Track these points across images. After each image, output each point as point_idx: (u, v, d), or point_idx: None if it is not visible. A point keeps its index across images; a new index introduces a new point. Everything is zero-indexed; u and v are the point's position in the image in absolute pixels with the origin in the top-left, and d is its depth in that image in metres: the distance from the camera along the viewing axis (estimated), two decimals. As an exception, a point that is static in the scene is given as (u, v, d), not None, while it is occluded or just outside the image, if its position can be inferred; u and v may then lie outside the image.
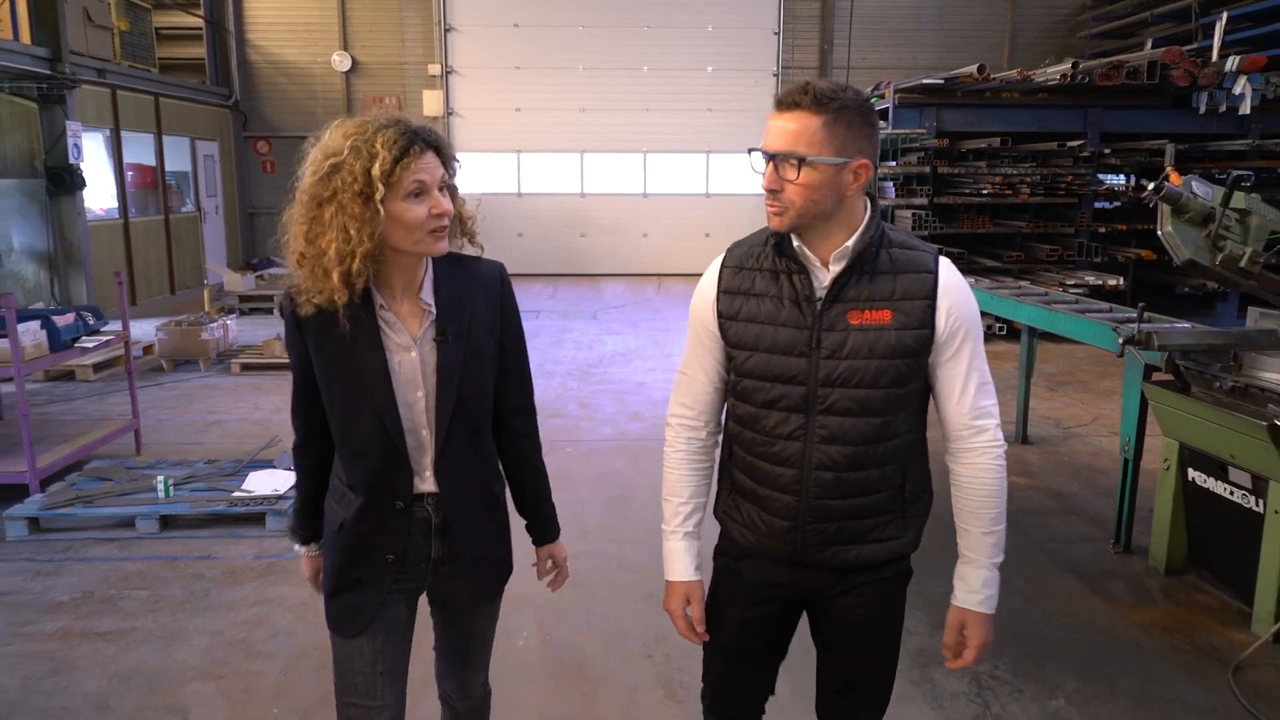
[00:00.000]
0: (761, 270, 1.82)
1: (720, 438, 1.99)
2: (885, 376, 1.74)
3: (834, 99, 1.67)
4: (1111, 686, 3.25)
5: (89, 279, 10.78)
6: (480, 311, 1.89)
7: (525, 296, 13.28)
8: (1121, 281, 9.73)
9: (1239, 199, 3.60)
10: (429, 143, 1.74)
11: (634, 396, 7.48)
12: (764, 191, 1.74)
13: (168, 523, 4.59)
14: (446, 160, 1.79)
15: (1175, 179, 3.59)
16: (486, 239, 1.96)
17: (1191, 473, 3.96)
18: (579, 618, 3.73)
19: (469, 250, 1.94)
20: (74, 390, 7.60)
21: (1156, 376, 4.10)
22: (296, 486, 2.04)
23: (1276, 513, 3.46)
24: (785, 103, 1.70)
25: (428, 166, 1.73)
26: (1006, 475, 1.83)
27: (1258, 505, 3.59)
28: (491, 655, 2.24)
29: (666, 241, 15.85)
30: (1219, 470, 3.79)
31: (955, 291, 1.77)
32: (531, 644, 3.53)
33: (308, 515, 2.03)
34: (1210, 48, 9.86)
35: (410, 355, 1.82)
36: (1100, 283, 9.55)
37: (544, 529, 2.15)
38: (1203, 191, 3.61)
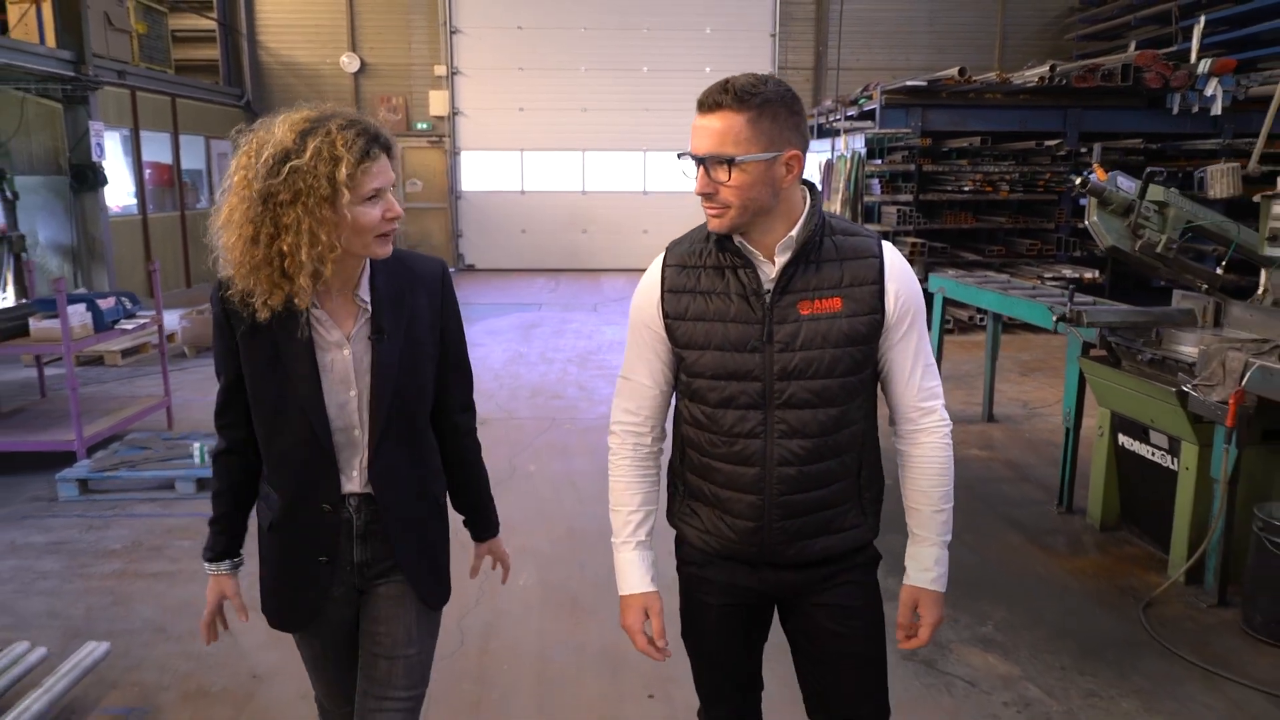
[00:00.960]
0: (705, 267, 1.76)
1: (665, 443, 1.92)
2: (840, 365, 1.72)
3: (755, 94, 1.61)
4: (1037, 618, 3.71)
5: (110, 272, 11.27)
6: (420, 308, 1.83)
7: (529, 290, 13.78)
8: (1099, 275, 10.14)
9: (1158, 192, 4.06)
10: (384, 145, 1.70)
11: (629, 381, 7.95)
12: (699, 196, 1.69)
13: (204, 485, 5.07)
14: (394, 161, 1.75)
15: (1101, 174, 4.04)
16: (491, 235, 2.16)
17: (1121, 438, 4.42)
18: (573, 565, 4.21)
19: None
20: (104, 374, 8.11)
21: (1094, 353, 4.56)
22: (217, 496, 1.93)
23: (1187, 469, 3.92)
24: (707, 103, 1.64)
25: (384, 170, 1.69)
26: (953, 453, 1.84)
27: (1173, 464, 4.05)
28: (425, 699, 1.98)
29: (666, 237, 15.45)
30: (1142, 434, 4.25)
31: (901, 274, 1.76)
32: (531, 584, 4.01)
33: (223, 531, 1.94)
34: (1189, 50, 10.29)
35: (343, 353, 1.77)
36: (1078, 276, 9.96)
37: (483, 522, 2.11)
38: (1126, 185, 4.07)
